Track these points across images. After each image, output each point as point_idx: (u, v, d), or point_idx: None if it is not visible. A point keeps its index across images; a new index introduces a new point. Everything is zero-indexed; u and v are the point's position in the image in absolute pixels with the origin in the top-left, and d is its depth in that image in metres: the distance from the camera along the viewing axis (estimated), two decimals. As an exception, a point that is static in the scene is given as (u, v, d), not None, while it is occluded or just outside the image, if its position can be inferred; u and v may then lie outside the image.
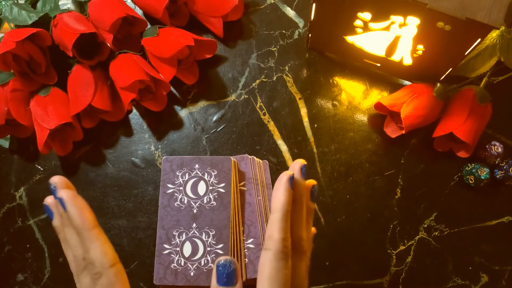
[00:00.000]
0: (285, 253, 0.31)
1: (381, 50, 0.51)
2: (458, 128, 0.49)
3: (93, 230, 0.31)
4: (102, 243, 0.31)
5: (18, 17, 0.53)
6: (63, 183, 0.33)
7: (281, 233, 0.31)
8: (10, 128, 0.54)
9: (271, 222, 0.32)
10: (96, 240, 0.31)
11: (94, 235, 0.31)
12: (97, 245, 0.31)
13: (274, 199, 0.32)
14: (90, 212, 0.32)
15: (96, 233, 0.31)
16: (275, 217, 0.32)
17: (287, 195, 0.32)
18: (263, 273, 0.31)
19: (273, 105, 0.57)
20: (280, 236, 0.31)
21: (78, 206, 0.31)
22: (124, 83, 0.51)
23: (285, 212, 0.32)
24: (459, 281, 0.52)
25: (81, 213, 0.31)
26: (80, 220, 0.31)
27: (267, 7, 0.60)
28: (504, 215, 0.53)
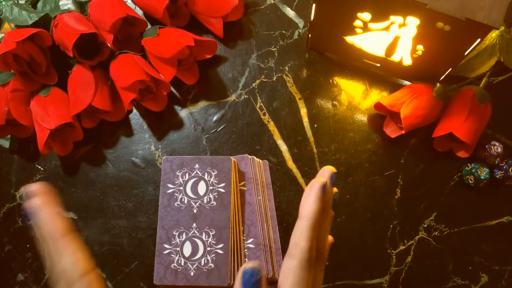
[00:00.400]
0: (311, 262, 0.30)
1: (380, 50, 0.51)
2: (458, 128, 0.50)
3: (62, 239, 0.30)
4: (72, 252, 0.29)
5: (19, 17, 0.53)
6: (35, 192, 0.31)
7: (309, 242, 0.30)
8: (10, 128, 0.54)
9: (299, 230, 0.31)
10: (66, 249, 0.29)
11: (64, 244, 0.29)
12: (67, 254, 0.29)
13: (305, 205, 0.31)
14: (60, 220, 0.30)
15: (67, 242, 0.30)
16: (304, 224, 0.31)
17: (318, 203, 0.31)
18: (286, 281, 0.30)
19: (273, 105, 0.57)
20: (307, 245, 0.30)
21: (46, 215, 0.30)
22: (124, 83, 0.51)
23: (315, 221, 0.31)
24: (459, 281, 0.52)
25: (48, 222, 0.30)
26: (48, 229, 0.30)
27: (267, 7, 0.60)
28: (504, 215, 0.53)
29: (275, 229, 0.52)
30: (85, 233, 0.54)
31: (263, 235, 0.50)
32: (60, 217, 0.30)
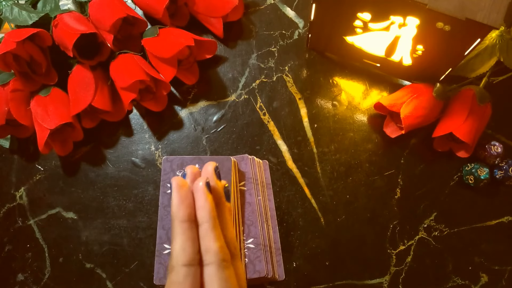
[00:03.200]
0: (227, 260, 0.31)
1: (380, 50, 0.51)
2: (458, 128, 0.50)
3: (182, 224, 0.31)
4: (185, 239, 0.30)
5: (19, 17, 0.53)
6: (190, 174, 0.33)
7: (217, 242, 0.30)
8: (10, 128, 0.54)
9: (203, 235, 0.31)
10: (180, 234, 0.30)
11: (181, 229, 0.30)
12: (179, 239, 0.30)
13: (198, 209, 0.31)
14: (187, 205, 0.31)
15: (184, 227, 0.30)
16: (205, 227, 0.31)
17: (209, 201, 0.31)
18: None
19: (273, 105, 0.57)
20: (217, 245, 0.30)
21: (177, 197, 0.31)
22: (124, 83, 0.51)
23: (214, 219, 0.31)
24: (459, 281, 0.52)
25: (176, 205, 0.31)
26: (173, 210, 0.31)
27: (267, 7, 0.60)
28: (504, 215, 0.53)
29: (275, 229, 0.52)
30: (85, 233, 0.54)
31: (263, 235, 0.50)
32: (188, 203, 0.31)
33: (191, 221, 0.31)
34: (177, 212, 0.31)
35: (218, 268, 0.30)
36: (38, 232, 0.54)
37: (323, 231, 0.53)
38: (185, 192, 0.32)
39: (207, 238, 0.31)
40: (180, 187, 0.31)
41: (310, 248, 0.52)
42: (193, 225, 0.31)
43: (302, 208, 0.54)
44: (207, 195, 0.32)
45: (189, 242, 0.30)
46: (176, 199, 0.31)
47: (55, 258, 0.53)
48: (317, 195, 0.54)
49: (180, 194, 0.31)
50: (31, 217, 0.55)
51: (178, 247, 0.30)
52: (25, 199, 0.55)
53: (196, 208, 0.32)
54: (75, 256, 0.53)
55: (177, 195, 0.31)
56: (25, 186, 0.56)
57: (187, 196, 0.31)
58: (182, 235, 0.30)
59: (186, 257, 0.30)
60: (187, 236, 0.30)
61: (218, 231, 0.31)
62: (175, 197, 0.31)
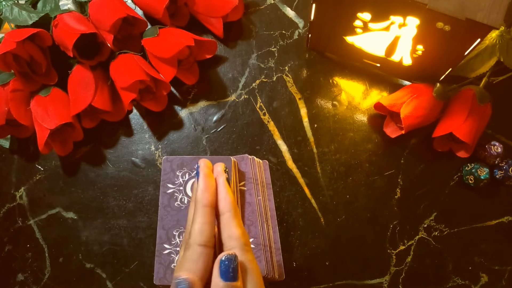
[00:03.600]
0: (248, 244, 0.33)
1: (380, 50, 0.51)
2: (458, 128, 0.50)
3: (205, 208, 0.33)
4: (205, 222, 0.32)
5: (19, 17, 0.53)
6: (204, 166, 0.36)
7: (239, 228, 0.33)
8: (10, 128, 0.54)
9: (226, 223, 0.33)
10: (201, 217, 0.32)
11: (202, 212, 0.33)
12: (199, 221, 0.32)
13: (221, 200, 0.34)
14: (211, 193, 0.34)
15: (205, 211, 0.33)
16: (227, 216, 0.33)
17: (230, 193, 0.34)
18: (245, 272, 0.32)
19: (273, 105, 0.57)
20: (240, 231, 0.33)
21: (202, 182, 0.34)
22: (124, 83, 0.51)
23: (235, 209, 0.34)
24: (459, 281, 0.52)
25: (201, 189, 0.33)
26: (197, 194, 0.33)
27: (267, 7, 0.60)
28: (504, 215, 0.53)
29: (275, 229, 0.52)
30: (85, 233, 0.54)
31: (263, 235, 0.50)
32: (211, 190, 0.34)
33: (212, 207, 0.33)
34: (202, 197, 0.33)
35: (242, 251, 0.32)
36: (38, 232, 0.54)
37: (323, 231, 0.53)
38: (211, 180, 0.35)
39: (229, 225, 0.33)
40: (207, 175, 0.34)
41: (310, 248, 0.52)
42: (213, 211, 0.33)
43: (302, 208, 0.54)
44: (228, 187, 0.35)
45: (207, 226, 0.32)
46: (202, 184, 0.34)
47: (55, 258, 0.53)
48: (317, 195, 0.54)
49: (207, 180, 0.34)
50: (31, 217, 0.55)
51: (197, 228, 0.32)
52: (25, 199, 0.55)
53: (218, 198, 0.34)
54: (75, 256, 0.53)
55: (204, 181, 0.34)
56: (25, 186, 0.56)
57: (212, 184, 0.34)
58: (203, 218, 0.32)
59: (204, 237, 0.32)
60: (207, 220, 0.32)
61: (239, 219, 0.34)
62: (202, 183, 0.34)
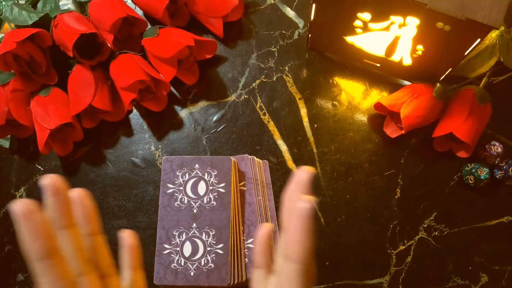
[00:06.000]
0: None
1: (380, 50, 0.51)
2: (458, 128, 0.49)
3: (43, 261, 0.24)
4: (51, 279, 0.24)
5: (19, 17, 0.53)
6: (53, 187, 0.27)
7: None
8: (10, 128, 0.54)
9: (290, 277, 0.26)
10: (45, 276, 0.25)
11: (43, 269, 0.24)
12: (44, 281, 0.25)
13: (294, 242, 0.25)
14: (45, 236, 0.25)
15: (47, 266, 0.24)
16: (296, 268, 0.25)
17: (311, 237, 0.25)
18: None
19: (273, 105, 0.57)
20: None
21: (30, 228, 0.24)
22: (124, 83, 0.51)
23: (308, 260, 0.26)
24: (459, 281, 0.52)
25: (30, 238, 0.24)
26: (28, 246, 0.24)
27: (267, 7, 0.60)
28: (504, 215, 0.53)
29: (275, 229, 0.52)
30: (85, 233, 0.54)
31: (263, 235, 0.50)
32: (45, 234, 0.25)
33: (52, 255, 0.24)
34: (32, 250, 0.24)
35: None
36: (38, 232, 0.54)
37: (323, 231, 0.53)
38: (36, 219, 0.24)
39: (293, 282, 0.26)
40: (29, 214, 0.24)
41: (310, 248, 0.52)
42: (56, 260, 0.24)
43: (302, 208, 0.54)
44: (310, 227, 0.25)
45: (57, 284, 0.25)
46: (27, 231, 0.23)
47: (55, 258, 0.53)
48: (317, 195, 0.54)
49: (31, 224, 0.24)
50: (31, 217, 0.54)
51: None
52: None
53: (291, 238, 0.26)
54: (75, 256, 0.53)
55: (28, 226, 0.24)
56: (25, 186, 0.55)
57: (40, 224, 0.24)
58: (47, 276, 0.24)
59: None
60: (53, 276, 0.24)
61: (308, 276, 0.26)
62: (25, 230, 0.24)
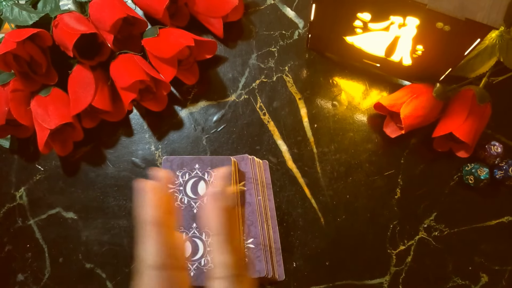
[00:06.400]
0: (241, 274, 0.30)
1: (380, 51, 0.51)
2: (458, 128, 0.50)
3: (152, 227, 0.30)
4: (154, 243, 0.29)
5: (19, 18, 0.53)
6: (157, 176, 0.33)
7: (231, 256, 0.30)
8: (10, 128, 0.54)
9: (215, 247, 0.30)
10: (149, 238, 0.30)
11: (150, 232, 0.30)
12: (148, 243, 0.29)
13: (210, 219, 0.30)
14: (159, 210, 0.30)
15: (153, 231, 0.30)
16: (218, 240, 0.30)
17: (223, 212, 0.30)
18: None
19: (273, 105, 0.57)
20: (231, 260, 0.29)
21: (148, 200, 0.31)
22: (124, 83, 0.51)
23: (227, 231, 0.30)
24: (459, 281, 0.52)
25: (147, 207, 0.30)
26: (144, 213, 0.30)
27: (267, 7, 0.60)
28: (504, 215, 0.53)
29: (275, 229, 0.52)
30: (85, 233, 0.54)
31: (263, 235, 0.50)
32: (160, 208, 0.30)
33: (164, 226, 0.30)
34: (150, 215, 0.30)
35: (230, 283, 0.29)
36: (38, 232, 0.54)
37: (323, 231, 0.53)
38: (155, 194, 0.31)
39: (219, 251, 0.30)
40: (149, 189, 0.30)
41: (310, 248, 0.52)
42: (161, 229, 0.30)
43: (302, 208, 0.54)
44: (221, 204, 0.31)
45: (160, 245, 0.29)
46: (145, 200, 0.30)
47: (55, 258, 0.53)
48: (317, 195, 0.54)
49: (150, 196, 0.30)
50: (31, 217, 0.55)
51: (148, 249, 0.29)
52: (25, 199, 0.55)
53: (207, 216, 0.31)
54: (75, 256, 0.53)
55: (147, 198, 0.30)
56: (25, 186, 0.55)
57: (157, 198, 0.31)
58: (153, 239, 0.29)
59: (157, 259, 0.29)
60: (159, 240, 0.29)
61: (231, 244, 0.30)
62: (149, 199, 0.30)
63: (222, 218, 0.31)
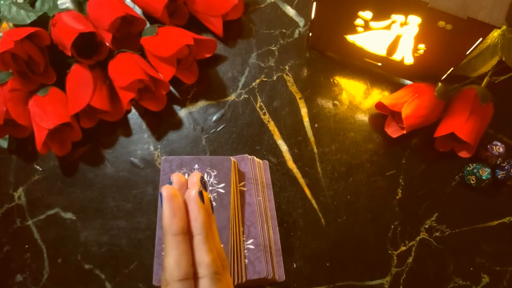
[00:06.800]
0: (220, 273, 0.30)
1: (382, 49, 0.51)
2: (460, 128, 0.49)
3: (175, 237, 0.29)
4: (179, 254, 0.29)
5: (17, 16, 0.53)
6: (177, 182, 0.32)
7: (210, 254, 0.30)
8: (8, 128, 0.54)
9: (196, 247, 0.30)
10: (174, 249, 0.29)
11: (174, 243, 0.29)
12: (173, 253, 0.29)
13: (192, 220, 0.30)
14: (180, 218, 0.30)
15: (178, 241, 0.29)
16: (198, 239, 0.30)
17: (203, 212, 0.30)
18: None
19: (273, 104, 0.56)
20: (210, 258, 0.30)
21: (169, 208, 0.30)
22: (123, 82, 0.51)
23: (207, 230, 0.30)
24: (460, 281, 0.51)
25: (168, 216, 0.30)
26: (165, 222, 0.30)
27: (267, 6, 0.60)
28: (506, 215, 0.53)
29: (275, 230, 0.52)
30: (84, 233, 0.53)
31: (263, 236, 0.49)
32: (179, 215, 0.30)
33: (184, 233, 0.30)
34: (170, 226, 0.29)
35: (211, 281, 0.29)
36: (37, 232, 0.54)
37: (324, 231, 0.53)
38: (177, 203, 0.30)
39: (200, 250, 0.30)
40: (172, 198, 0.30)
41: (311, 249, 0.52)
42: (186, 238, 0.30)
43: (302, 208, 0.53)
44: (200, 205, 0.31)
45: (183, 257, 0.29)
46: (168, 211, 0.30)
47: (53, 259, 0.53)
48: (317, 196, 0.54)
49: (173, 205, 0.30)
50: (29, 217, 0.54)
51: (173, 262, 0.29)
52: (24, 200, 0.55)
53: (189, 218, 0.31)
54: (74, 256, 0.53)
55: (169, 206, 0.30)
56: (24, 187, 0.55)
57: (180, 207, 0.30)
58: (176, 249, 0.29)
59: (181, 272, 0.29)
60: (182, 250, 0.29)
61: (211, 243, 0.30)
62: (167, 209, 0.30)
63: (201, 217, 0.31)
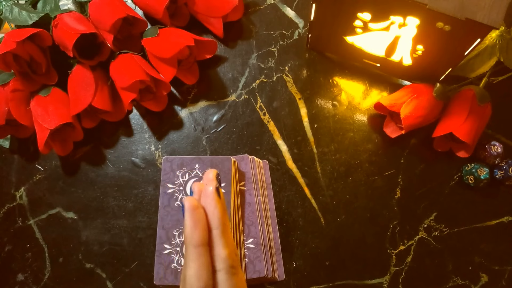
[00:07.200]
0: (236, 267, 0.30)
1: (380, 50, 0.51)
2: (458, 128, 0.50)
3: (197, 248, 0.30)
4: (199, 264, 0.29)
5: (19, 17, 0.53)
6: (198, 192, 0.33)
7: (227, 248, 0.30)
8: (10, 128, 0.54)
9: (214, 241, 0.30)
10: (194, 261, 0.29)
11: (195, 254, 0.29)
12: (193, 265, 0.29)
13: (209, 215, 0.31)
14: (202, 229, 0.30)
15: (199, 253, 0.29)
16: (216, 234, 0.30)
17: (219, 207, 0.31)
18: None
19: (273, 105, 0.57)
20: (227, 252, 0.30)
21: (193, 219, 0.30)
22: (124, 83, 0.51)
23: (223, 225, 0.31)
24: (459, 281, 0.52)
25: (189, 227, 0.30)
26: (186, 233, 0.30)
27: (267, 7, 0.60)
28: (504, 215, 0.53)
29: (275, 229, 0.52)
30: (85, 233, 0.54)
31: (263, 235, 0.50)
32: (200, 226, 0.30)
33: (205, 245, 0.30)
34: (192, 237, 0.30)
35: (227, 274, 0.30)
36: (38, 232, 0.54)
37: (323, 231, 0.53)
38: (199, 214, 0.31)
39: (218, 244, 0.30)
40: (193, 209, 0.30)
41: (310, 248, 0.52)
42: (207, 248, 0.30)
43: (302, 208, 0.54)
44: (217, 201, 0.31)
45: (204, 268, 0.29)
46: (190, 221, 0.30)
47: (55, 258, 0.53)
48: (317, 195, 0.54)
49: (194, 217, 0.30)
50: (31, 217, 0.55)
51: (193, 274, 0.29)
52: (25, 199, 0.55)
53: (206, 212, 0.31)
54: (75, 256, 0.53)
55: (191, 218, 0.30)
56: (25, 186, 0.55)
57: (201, 219, 0.31)
58: (197, 261, 0.29)
59: (201, 283, 0.29)
60: (202, 262, 0.29)
61: (227, 237, 0.31)
62: (188, 220, 0.30)
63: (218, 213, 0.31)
